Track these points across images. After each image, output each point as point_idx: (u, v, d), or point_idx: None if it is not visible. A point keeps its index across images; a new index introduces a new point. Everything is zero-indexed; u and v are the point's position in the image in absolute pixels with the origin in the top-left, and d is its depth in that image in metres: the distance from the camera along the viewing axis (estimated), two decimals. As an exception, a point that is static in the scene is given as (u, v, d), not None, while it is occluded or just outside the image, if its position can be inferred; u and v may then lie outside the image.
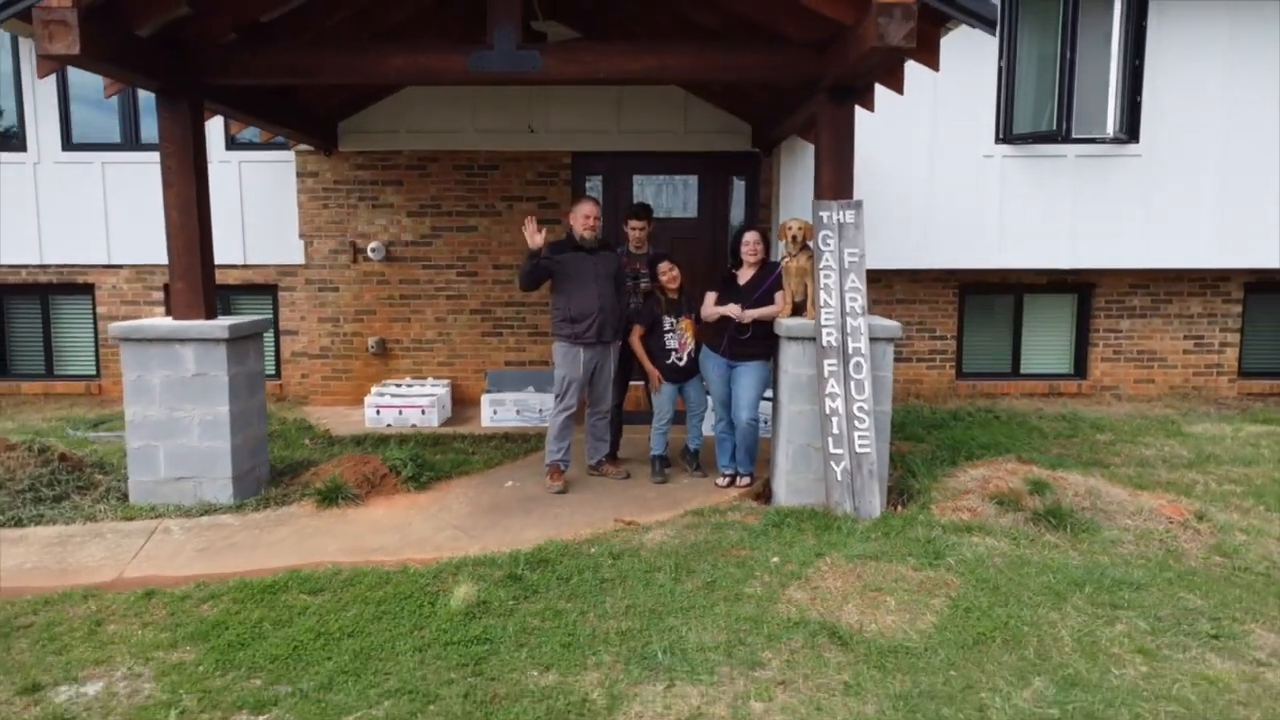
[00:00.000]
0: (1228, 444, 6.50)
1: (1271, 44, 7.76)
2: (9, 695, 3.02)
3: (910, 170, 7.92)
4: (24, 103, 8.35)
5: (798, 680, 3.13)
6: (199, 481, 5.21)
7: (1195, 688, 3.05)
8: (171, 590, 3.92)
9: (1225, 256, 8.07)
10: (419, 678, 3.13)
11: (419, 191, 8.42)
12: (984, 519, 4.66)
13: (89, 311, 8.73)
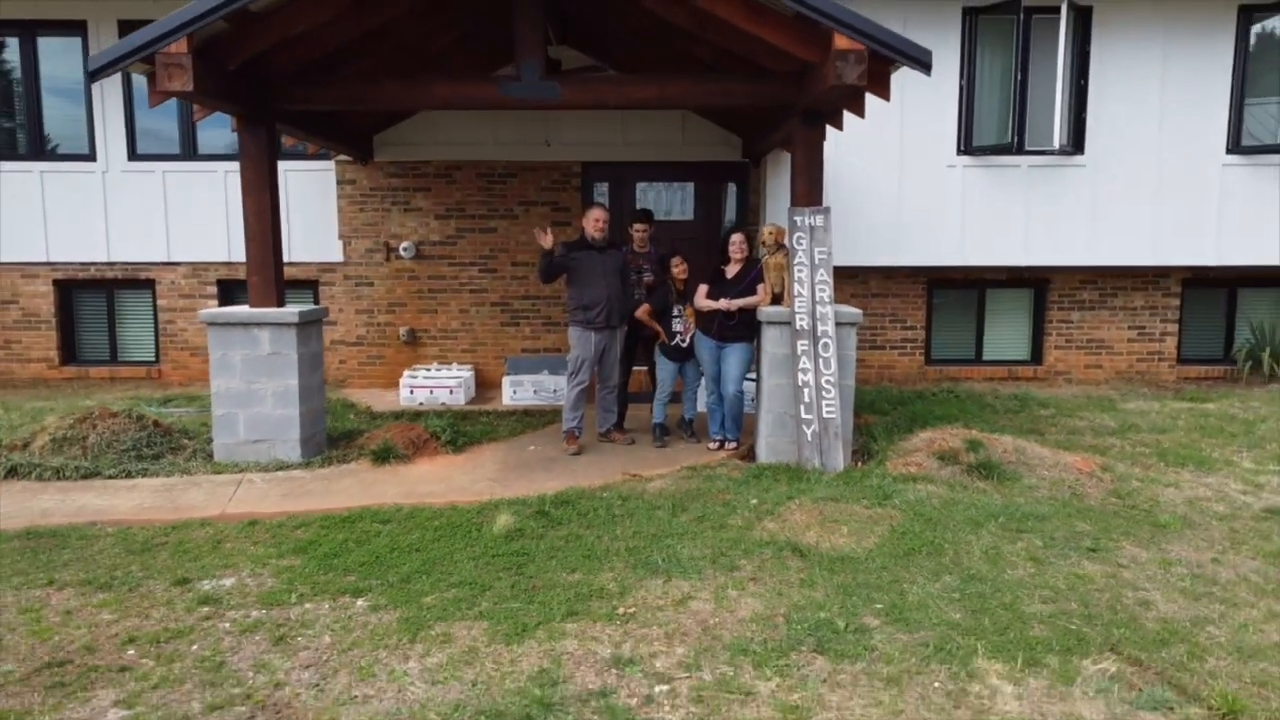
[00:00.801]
0: (1151, 417, 7.42)
1: (1200, 63, 8.65)
2: (166, 585, 3.94)
3: (883, 179, 8.81)
4: (94, 119, 9.25)
5: (765, 578, 4.04)
6: (272, 443, 6.13)
7: (1066, 581, 3.96)
8: (269, 520, 4.84)
9: (1163, 255, 8.96)
10: (475, 575, 4.05)
11: (445, 197, 9.34)
12: (928, 471, 5.57)
13: (150, 304, 9.64)
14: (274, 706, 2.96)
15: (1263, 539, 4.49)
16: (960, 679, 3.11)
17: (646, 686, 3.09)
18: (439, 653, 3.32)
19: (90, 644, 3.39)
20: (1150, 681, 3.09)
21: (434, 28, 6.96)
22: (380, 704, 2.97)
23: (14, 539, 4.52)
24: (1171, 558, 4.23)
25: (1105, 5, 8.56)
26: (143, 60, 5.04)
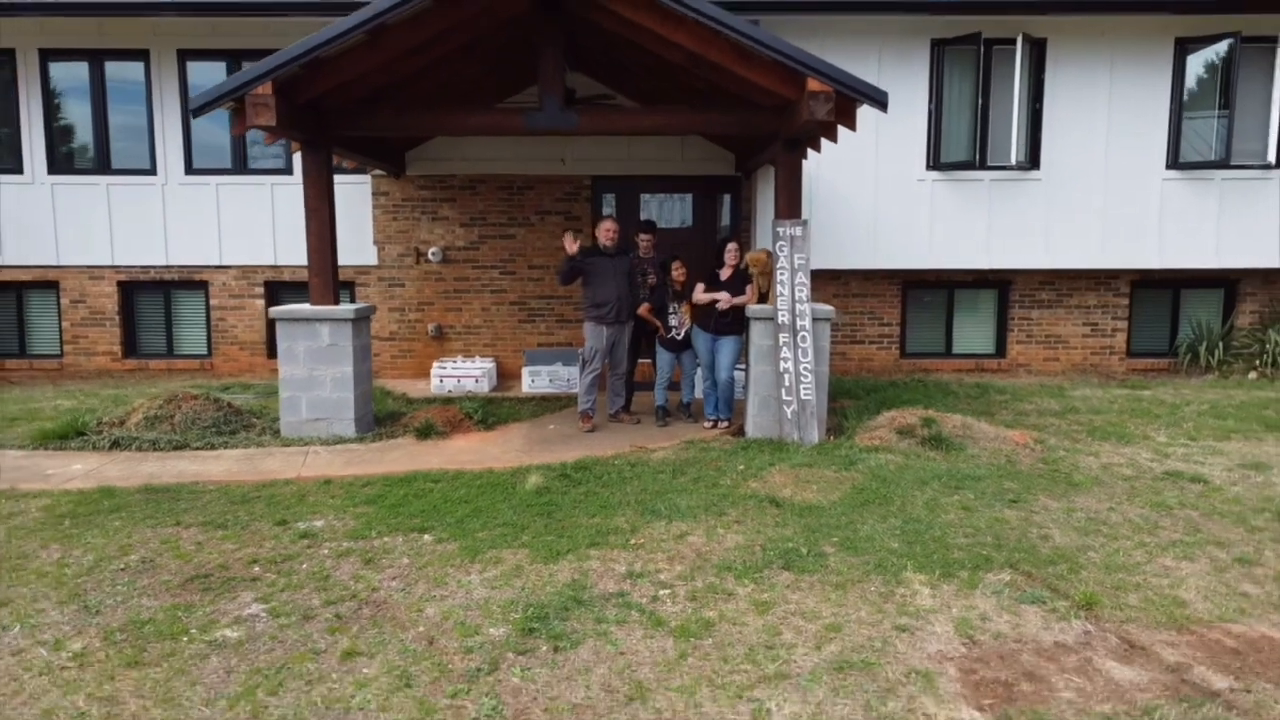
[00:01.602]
0: (1092, 402, 8.36)
1: (1142, 88, 9.58)
2: (270, 525, 4.88)
3: (861, 192, 9.74)
4: (154, 138, 10.19)
5: (747, 521, 4.98)
6: (330, 421, 7.07)
7: (986, 522, 4.89)
8: (339, 480, 5.79)
9: (1111, 259, 9.90)
10: (514, 519, 4.99)
11: (469, 206, 10.28)
12: (888, 443, 6.51)
13: (203, 303, 10.58)
14: (374, 603, 3.90)
15: (1154, 494, 5.43)
16: (891, 585, 4.05)
17: (653, 590, 4.02)
18: (493, 569, 4.26)
19: (223, 564, 4.33)
20: (1034, 586, 4.03)
21: (466, 65, 7.89)
22: (453, 601, 3.91)
23: (135, 494, 5.46)
24: (1075, 507, 5.17)
25: (1057, 37, 9.50)
26: (234, 100, 5.98)
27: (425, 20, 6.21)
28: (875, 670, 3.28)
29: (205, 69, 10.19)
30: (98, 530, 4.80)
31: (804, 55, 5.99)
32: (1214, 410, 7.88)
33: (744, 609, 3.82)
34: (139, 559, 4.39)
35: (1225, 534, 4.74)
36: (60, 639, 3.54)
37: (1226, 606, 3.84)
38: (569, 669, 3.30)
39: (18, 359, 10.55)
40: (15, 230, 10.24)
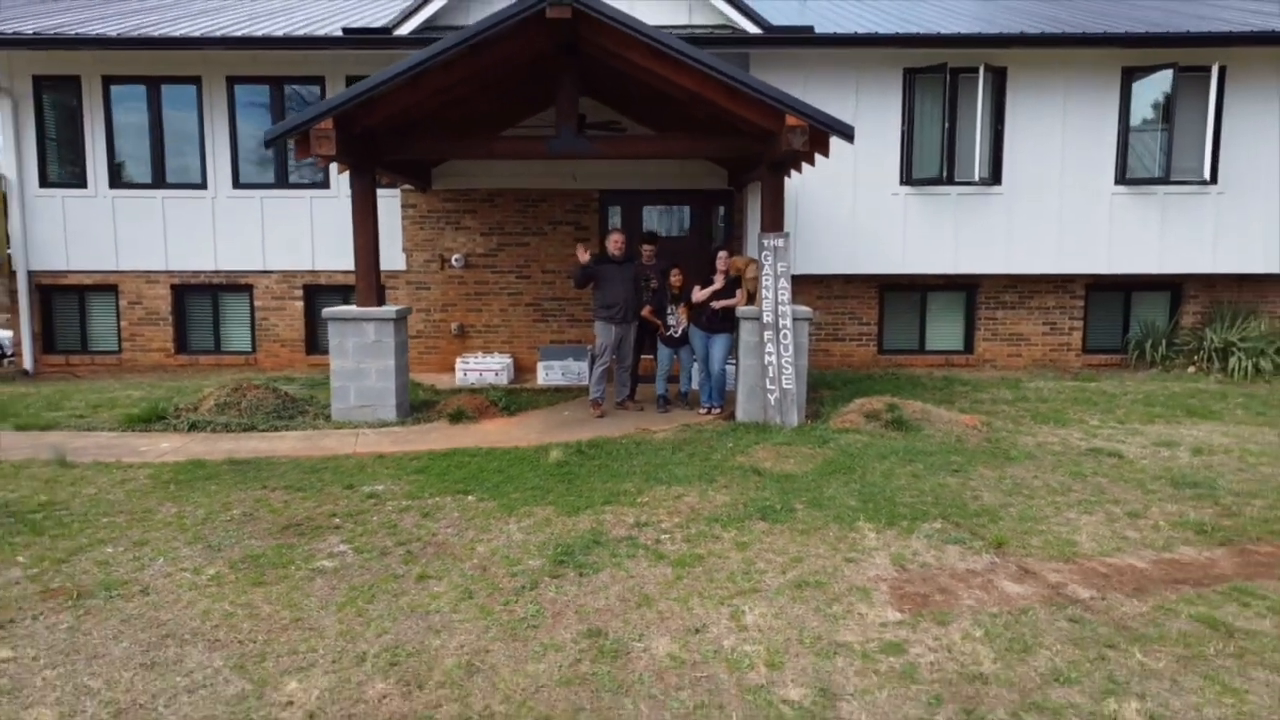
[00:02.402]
0: (1042, 392, 9.32)
1: (1093, 112, 10.53)
2: (340, 488, 5.85)
3: (842, 204, 10.69)
4: (205, 156, 11.15)
5: (733, 486, 5.94)
6: (375, 407, 8.03)
7: (930, 486, 5.84)
8: (389, 455, 6.75)
9: (1067, 265, 10.85)
10: (540, 484, 5.95)
11: (489, 217, 11.24)
12: (857, 426, 7.47)
13: (248, 305, 11.55)
14: (435, 543, 4.86)
15: (1074, 466, 6.39)
16: (845, 531, 5.01)
17: (656, 535, 4.99)
18: (527, 520, 5.23)
19: (309, 516, 5.30)
20: (959, 532, 4.99)
21: (490, 95, 8.85)
22: (497, 542, 4.87)
23: (222, 465, 6.43)
24: (1006, 475, 6.14)
25: (1016, 67, 10.46)
26: (300, 132, 6.95)
27: (458, 64, 7.17)
28: (826, 587, 4.24)
29: (250, 91, 11.16)
30: (199, 492, 5.77)
31: (784, 95, 6.95)
32: (1147, 399, 8.85)
33: (727, 547, 4.78)
34: (240, 513, 5.36)
35: (1124, 495, 5.70)
36: (197, 567, 4.50)
37: (1108, 546, 4.80)
38: (592, 586, 4.27)
39: (80, 354, 11.52)
40: (79, 239, 11.20)
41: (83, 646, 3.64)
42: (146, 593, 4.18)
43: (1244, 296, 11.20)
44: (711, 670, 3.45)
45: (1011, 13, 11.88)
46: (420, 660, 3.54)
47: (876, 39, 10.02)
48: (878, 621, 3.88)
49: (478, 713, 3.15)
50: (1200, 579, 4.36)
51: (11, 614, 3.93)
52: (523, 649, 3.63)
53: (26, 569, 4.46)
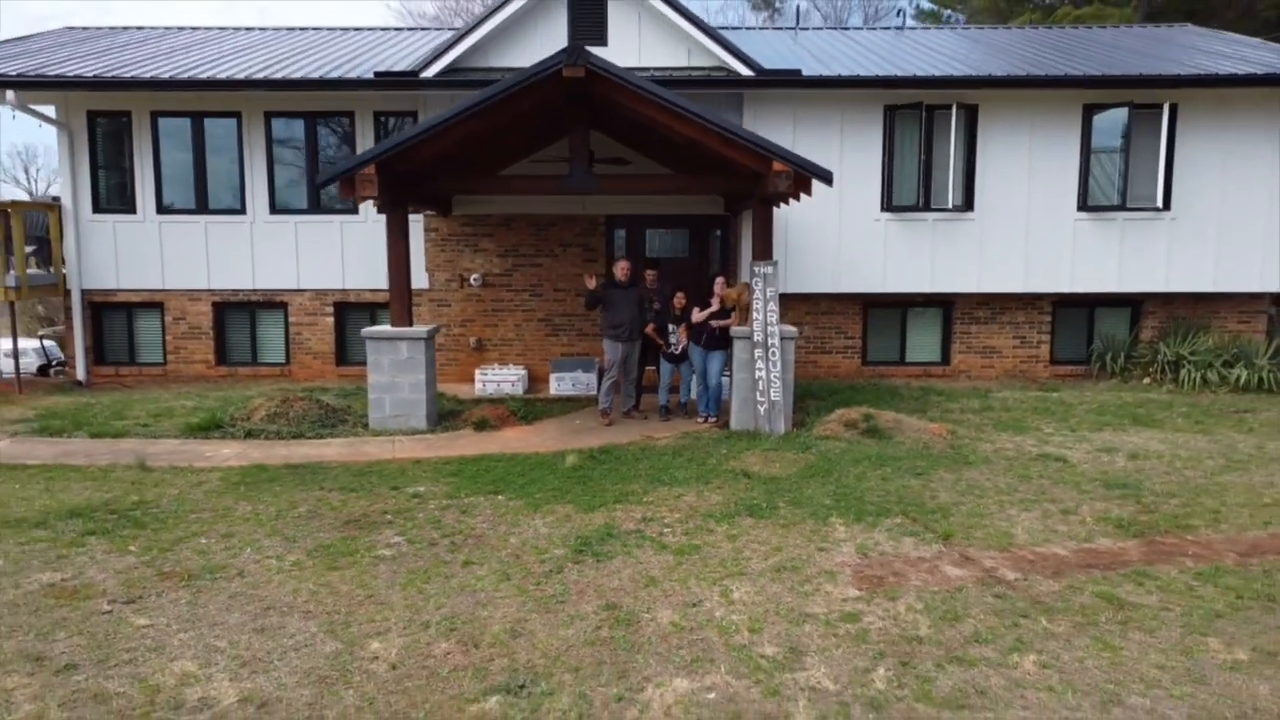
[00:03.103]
0: (1008, 402, 10.18)
1: (1057, 145, 11.40)
2: (387, 489, 6.71)
3: (828, 229, 11.54)
4: (244, 184, 12.02)
5: (725, 487, 6.80)
6: (407, 417, 8.89)
7: (895, 488, 6.69)
8: (426, 460, 7.61)
9: (1034, 284, 11.71)
10: (560, 486, 6.81)
11: (504, 240, 12.11)
12: (837, 433, 8.33)
13: (283, 320, 12.41)
14: (475, 535, 5.72)
15: (1023, 469, 7.26)
16: (820, 525, 5.87)
17: (659, 529, 5.85)
18: (550, 516, 6.09)
19: (364, 513, 6.16)
20: (915, 526, 5.85)
21: (510, 135, 9.71)
22: (527, 535, 5.73)
23: (281, 469, 7.30)
24: (962, 478, 7.00)
25: (987, 104, 11.33)
26: (346, 176, 7.81)
27: (484, 116, 8.03)
28: (800, 570, 5.10)
29: (286, 124, 12.03)
30: (266, 492, 6.63)
31: (771, 144, 7.82)
32: (1100, 409, 9.71)
33: (719, 539, 5.65)
34: (306, 510, 6.22)
35: (1061, 495, 6.56)
36: (279, 555, 5.36)
37: (1038, 537, 5.66)
38: (607, 570, 5.13)
39: (129, 366, 12.38)
40: (128, 260, 12.06)
41: (202, 617, 4.51)
42: (243, 575, 5.04)
43: (1198, 312, 12.06)
44: (705, 634, 4.31)
45: (983, 52, 12.75)
46: (473, 627, 4.40)
47: (859, 80, 10.89)
48: (840, 597, 4.74)
49: (523, 665, 4.01)
50: (1110, 564, 5.22)
51: (139, 591, 4.79)
52: (554, 619, 4.49)
53: (139, 556, 5.32)
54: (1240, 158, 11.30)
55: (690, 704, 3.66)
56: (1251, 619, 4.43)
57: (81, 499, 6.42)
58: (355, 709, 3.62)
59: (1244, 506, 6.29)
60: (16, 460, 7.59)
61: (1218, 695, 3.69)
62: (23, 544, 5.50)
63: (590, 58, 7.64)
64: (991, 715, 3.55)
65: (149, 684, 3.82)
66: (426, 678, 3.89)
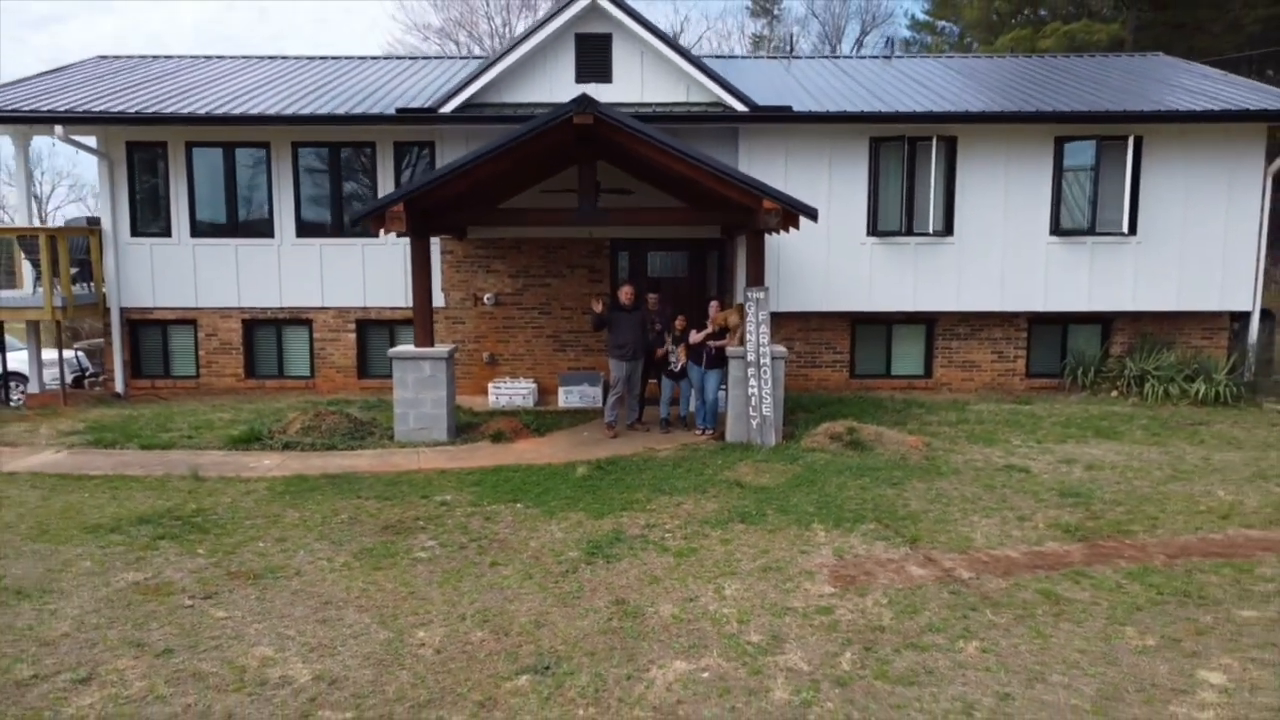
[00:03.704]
0: (982, 415, 10.89)
1: (1031, 173, 12.12)
2: (417, 498, 7.42)
3: (818, 252, 12.26)
4: (273, 209, 12.74)
5: (720, 495, 7.51)
6: (429, 430, 9.60)
7: (871, 497, 7.41)
8: (450, 470, 8.33)
9: (1010, 303, 12.42)
10: (571, 494, 7.53)
11: (516, 262, 12.83)
12: (822, 446, 9.03)
13: (307, 337, 13.13)
14: (499, 540, 6.43)
15: (988, 479, 7.97)
16: (803, 531, 6.58)
17: (661, 534, 6.56)
18: (564, 522, 6.80)
19: (399, 519, 6.87)
20: (887, 531, 6.56)
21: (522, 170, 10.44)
22: (545, 539, 6.44)
23: (320, 479, 8.01)
24: (933, 487, 7.70)
25: (965, 136, 12.05)
26: (378, 213, 8.54)
27: (503, 157, 8.76)
28: (783, 570, 5.81)
29: (312, 154, 12.76)
30: (310, 501, 7.35)
31: (762, 184, 8.55)
32: (1066, 421, 10.42)
33: (714, 543, 6.36)
34: (347, 516, 6.94)
35: (1020, 503, 7.28)
36: (329, 557, 6.08)
37: (994, 541, 6.37)
38: (616, 570, 5.84)
39: (164, 379, 13.10)
40: (164, 280, 12.78)
41: (271, 610, 5.22)
42: (300, 575, 5.76)
43: (1164, 329, 12.77)
44: (700, 625, 5.02)
45: (963, 84, 13.48)
46: (503, 618, 5.11)
47: (846, 116, 11.62)
48: (817, 594, 5.45)
49: (547, 650, 4.72)
50: (1053, 565, 5.93)
51: (213, 589, 5.51)
52: (571, 611, 5.21)
53: (207, 558, 6.04)
54: (1200, 187, 12.03)
55: (688, 682, 4.37)
56: (1166, 612, 5.14)
57: (147, 507, 7.14)
58: (410, 685, 4.34)
59: (1180, 514, 7.00)
60: (79, 471, 8.31)
61: (1125, 674, 4.40)
62: (103, 547, 6.21)
63: (598, 107, 8.37)
64: (936, 690, 4.26)
65: (236, 665, 4.53)
66: (466, 660, 4.61)
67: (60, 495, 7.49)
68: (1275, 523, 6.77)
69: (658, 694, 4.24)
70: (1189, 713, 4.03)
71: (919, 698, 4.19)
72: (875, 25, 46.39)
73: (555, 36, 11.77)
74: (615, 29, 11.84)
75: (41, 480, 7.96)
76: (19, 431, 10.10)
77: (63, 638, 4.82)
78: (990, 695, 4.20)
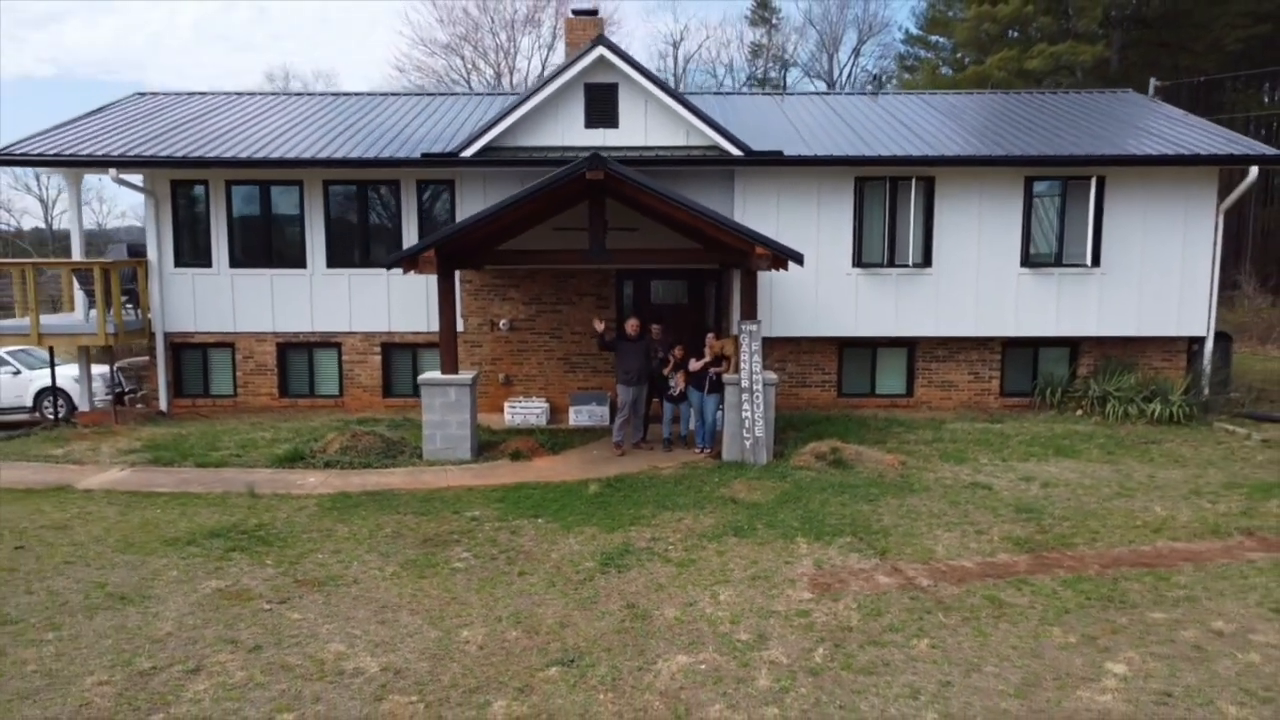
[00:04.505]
0: (957, 434, 11.79)
1: (1003, 210, 13.04)
2: (449, 513, 8.32)
3: (808, 282, 13.15)
4: (305, 242, 13.66)
5: (717, 511, 8.41)
6: (454, 449, 10.51)
7: (850, 512, 8.31)
8: (476, 488, 9.23)
9: (984, 329, 13.34)
10: (585, 511, 8.43)
11: (529, 290, 13.74)
12: (809, 464, 9.94)
13: (336, 359, 14.04)
14: (524, 551, 7.34)
15: (954, 496, 8.87)
16: (787, 543, 7.48)
17: (664, 546, 7.46)
18: (580, 536, 7.71)
19: (436, 533, 7.78)
20: (860, 544, 7.46)
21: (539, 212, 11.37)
22: (564, 550, 7.34)
23: (361, 496, 8.92)
24: (905, 504, 8.61)
25: (942, 176, 12.98)
26: (411, 257, 9.47)
27: (523, 206, 9.68)
28: (770, 579, 6.72)
29: (341, 191, 13.68)
30: (355, 516, 8.25)
31: (753, 232, 9.47)
32: (1032, 440, 11.33)
33: (711, 554, 7.26)
34: (390, 531, 7.85)
35: (980, 518, 8.18)
36: (380, 567, 6.99)
37: (954, 553, 7.28)
38: (626, 578, 6.74)
39: (203, 398, 14.02)
40: (204, 307, 13.70)
41: (337, 613, 6.13)
42: (357, 583, 6.67)
43: (1128, 352, 13.68)
44: (698, 625, 5.93)
45: (942, 122, 14.40)
46: (532, 620, 6.01)
47: (833, 160, 12.54)
48: (797, 599, 6.36)
49: (571, 646, 5.63)
50: (1002, 574, 6.84)
51: (286, 595, 6.42)
52: (590, 614, 6.11)
53: (275, 568, 6.95)
54: (1158, 222, 12.95)
55: (688, 672, 5.27)
56: (1089, 614, 6.05)
57: (214, 522, 8.05)
58: (460, 675, 5.24)
59: (1119, 528, 7.91)
60: (147, 488, 9.22)
61: (1046, 665, 5.31)
62: (185, 559, 7.13)
63: (609, 165, 9.30)
64: (890, 679, 5.17)
65: (315, 659, 5.44)
66: (504, 655, 5.51)
67: (136, 511, 8.40)
68: (1199, 536, 7.68)
69: (664, 682, 5.15)
70: (1091, 696, 4.94)
71: (875, 685, 5.10)
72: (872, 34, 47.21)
73: (566, 86, 12.70)
74: (621, 79, 12.76)
75: (116, 497, 8.88)
76: (83, 450, 11.02)
77: (168, 636, 5.73)
78: (934, 683, 5.11)
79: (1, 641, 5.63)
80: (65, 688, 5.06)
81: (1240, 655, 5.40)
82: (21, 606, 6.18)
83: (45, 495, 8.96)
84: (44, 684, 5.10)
